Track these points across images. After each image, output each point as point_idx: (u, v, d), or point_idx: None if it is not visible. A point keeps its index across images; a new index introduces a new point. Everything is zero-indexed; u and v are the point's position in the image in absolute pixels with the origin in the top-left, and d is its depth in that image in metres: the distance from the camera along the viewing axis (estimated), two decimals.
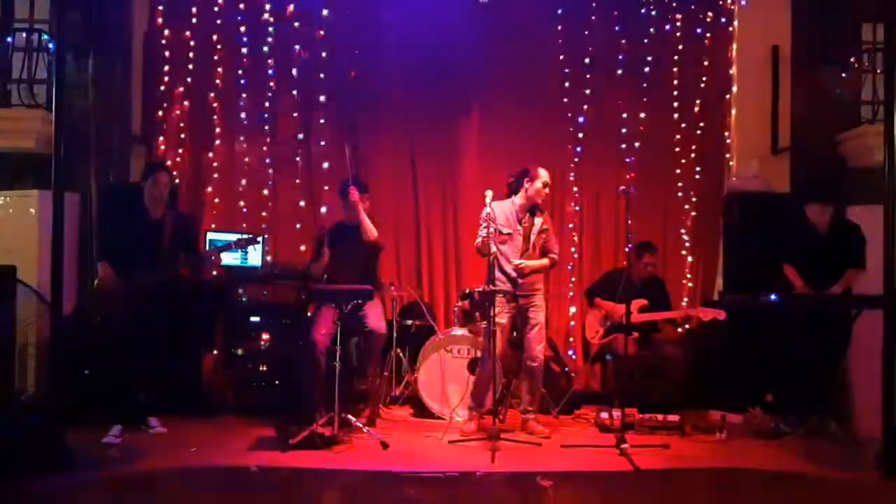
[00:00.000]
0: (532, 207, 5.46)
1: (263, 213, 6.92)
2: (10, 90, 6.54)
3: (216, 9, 6.93)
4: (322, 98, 6.92)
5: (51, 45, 6.40)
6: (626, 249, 5.66)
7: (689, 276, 7.02)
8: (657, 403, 5.60)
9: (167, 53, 6.92)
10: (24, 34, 6.60)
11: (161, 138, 6.90)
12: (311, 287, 5.48)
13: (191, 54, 6.95)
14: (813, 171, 6.66)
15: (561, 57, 7.04)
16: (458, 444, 5.04)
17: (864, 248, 5.47)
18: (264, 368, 5.93)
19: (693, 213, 7.05)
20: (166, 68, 6.91)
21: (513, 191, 5.56)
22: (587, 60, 7.03)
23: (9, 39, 6.61)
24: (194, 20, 6.93)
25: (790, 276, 5.59)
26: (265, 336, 5.99)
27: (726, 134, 7.12)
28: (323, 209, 6.87)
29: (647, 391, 5.72)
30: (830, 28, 6.82)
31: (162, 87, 6.91)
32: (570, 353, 6.91)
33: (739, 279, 6.40)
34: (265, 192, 6.94)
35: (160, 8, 6.92)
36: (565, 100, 7.04)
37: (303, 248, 6.73)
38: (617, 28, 7.05)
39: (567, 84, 7.03)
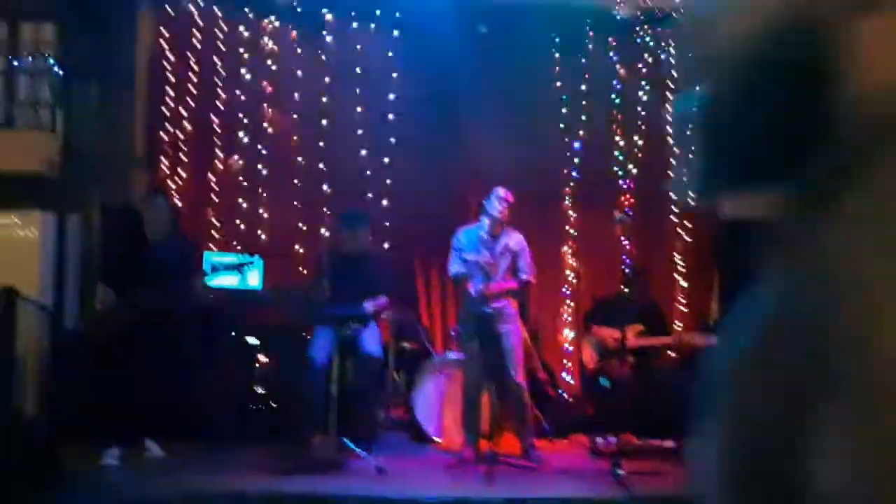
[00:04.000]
0: (496, 231, 5.36)
1: (262, 235, 6.99)
2: (16, 113, 6.64)
3: (219, 33, 7.04)
4: (324, 122, 7.02)
5: (56, 69, 6.51)
6: (624, 273, 5.70)
7: (684, 300, 7.08)
8: (653, 429, 5.63)
9: (170, 76, 7.01)
10: (30, 58, 6.71)
11: (163, 160, 6.99)
12: (310, 310, 5.52)
13: (193, 77, 7.04)
14: None
15: (558, 84, 7.16)
16: (455, 469, 5.06)
17: None
18: (262, 391, 5.96)
19: (688, 238, 7.13)
20: (169, 91, 7.01)
21: (482, 213, 5.43)
22: (583, 87, 7.15)
23: (15, 63, 6.71)
24: (198, 45, 7.04)
25: None
26: (263, 358, 6.03)
27: None
28: (324, 231, 6.92)
29: (643, 417, 5.74)
30: None
31: (164, 110, 7.00)
32: (566, 377, 6.96)
33: (734, 305, 6.45)
34: (264, 214, 7.02)
35: (164, 32, 7.03)
36: (562, 125, 7.15)
37: (303, 270, 6.78)
38: (613, 56, 7.17)
39: (564, 110, 7.14)
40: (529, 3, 6.91)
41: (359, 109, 7.01)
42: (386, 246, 6.84)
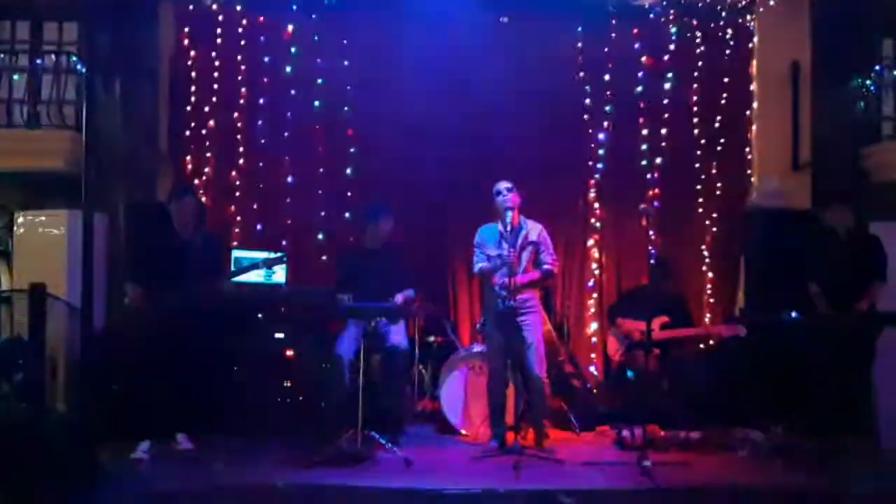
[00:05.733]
0: (514, 222, 5.33)
1: (286, 230, 6.97)
2: (40, 111, 6.69)
3: (240, 30, 7.05)
4: (346, 108, 7.00)
5: (79, 68, 6.55)
6: (649, 266, 5.66)
7: (709, 292, 7.02)
8: (679, 421, 5.61)
9: (193, 74, 7.02)
10: (54, 57, 6.76)
11: (188, 157, 7.01)
12: (336, 306, 5.52)
13: (216, 74, 7.04)
14: (835, 186, 6.64)
15: (581, 74, 7.09)
16: (481, 461, 5.07)
17: (886, 261, 5.47)
18: (289, 384, 6.00)
19: (714, 230, 7.05)
20: (192, 88, 7.01)
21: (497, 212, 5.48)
22: (607, 77, 7.08)
23: (38, 62, 6.77)
24: (219, 41, 7.04)
25: (815, 297, 5.58)
26: (289, 352, 6.06)
27: (747, 150, 7.13)
28: (347, 215, 6.92)
29: (669, 408, 5.73)
30: (851, 43, 6.82)
31: (188, 107, 7.01)
32: (592, 369, 6.93)
33: (760, 296, 6.40)
34: (288, 205, 6.99)
35: (186, 30, 7.04)
36: (585, 117, 7.09)
37: (324, 258, 6.80)
38: (637, 45, 7.09)
39: (587, 101, 7.08)
40: None
41: (382, 103, 6.97)
42: (413, 240, 6.76)
